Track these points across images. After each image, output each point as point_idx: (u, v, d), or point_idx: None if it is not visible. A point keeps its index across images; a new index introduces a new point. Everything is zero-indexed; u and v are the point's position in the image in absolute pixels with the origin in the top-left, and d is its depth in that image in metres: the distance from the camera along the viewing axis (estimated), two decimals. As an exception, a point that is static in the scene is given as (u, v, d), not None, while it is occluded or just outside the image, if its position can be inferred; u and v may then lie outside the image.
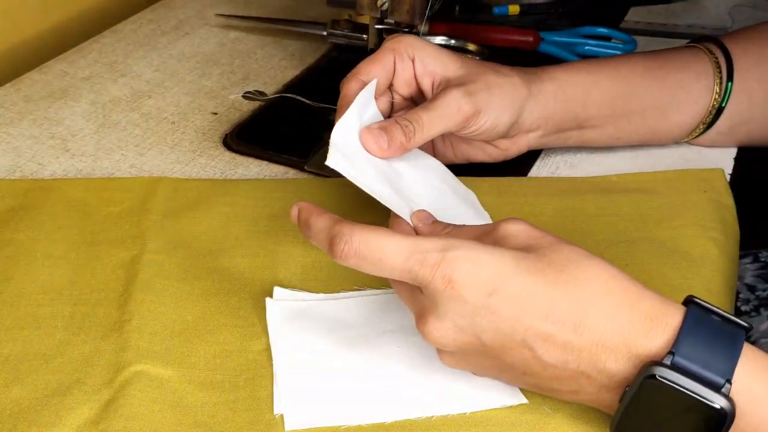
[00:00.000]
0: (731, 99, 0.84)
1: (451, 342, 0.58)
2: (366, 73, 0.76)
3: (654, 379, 0.53)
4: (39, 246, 0.76)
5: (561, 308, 0.56)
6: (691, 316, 0.56)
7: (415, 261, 0.57)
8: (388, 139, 0.72)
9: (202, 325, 0.69)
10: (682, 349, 0.54)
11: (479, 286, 0.56)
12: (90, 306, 0.71)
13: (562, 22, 1.16)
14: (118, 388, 0.63)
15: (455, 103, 0.74)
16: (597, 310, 0.56)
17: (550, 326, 0.56)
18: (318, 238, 0.61)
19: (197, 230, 0.78)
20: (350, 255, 0.58)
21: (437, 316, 0.57)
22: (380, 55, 0.77)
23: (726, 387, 0.53)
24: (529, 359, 0.57)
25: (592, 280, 0.57)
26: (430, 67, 0.77)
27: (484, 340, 0.57)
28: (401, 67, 0.77)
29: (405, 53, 0.77)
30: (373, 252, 0.58)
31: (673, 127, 0.87)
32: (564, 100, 0.81)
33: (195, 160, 0.89)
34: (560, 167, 0.87)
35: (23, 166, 0.87)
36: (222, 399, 0.63)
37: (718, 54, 0.85)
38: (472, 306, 0.56)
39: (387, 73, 0.77)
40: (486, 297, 0.56)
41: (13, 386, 0.64)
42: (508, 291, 0.56)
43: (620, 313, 0.56)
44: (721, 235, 0.77)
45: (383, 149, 0.72)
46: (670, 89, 0.84)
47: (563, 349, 0.56)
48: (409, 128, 0.72)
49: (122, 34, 1.13)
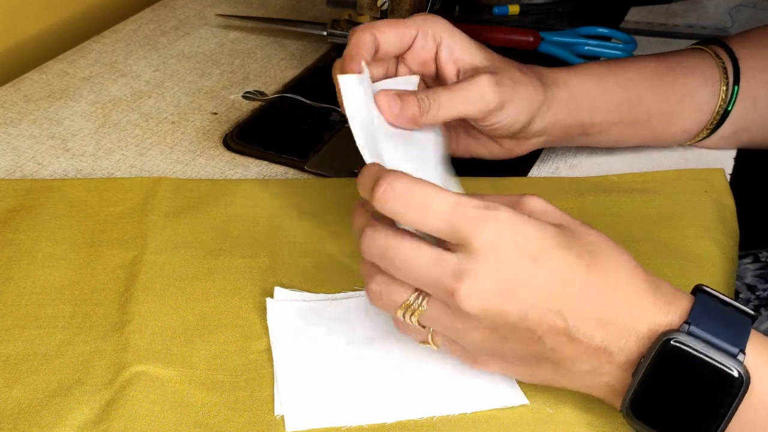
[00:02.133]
0: (736, 104, 0.84)
1: (491, 305, 0.56)
2: (382, 31, 0.73)
3: (669, 344, 0.54)
4: (40, 246, 0.76)
5: (595, 286, 0.56)
6: (702, 298, 0.57)
7: (461, 213, 0.56)
8: (401, 106, 0.70)
9: (203, 325, 0.69)
10: (697, 320, 0.55)
11: (523, 250, 0.56)
12: (91, 306, 0.71)
13: (562, 22, 1.16)
14: (119, 388, 0.63)
15: (481, 90, 0.73)
16: (624, 292, 0.57)
17: (584, 301, 0.56)
18: (365, 183, 0.59)
19: (198, 230, 0.78)
20: (391, 198, 0.56)
21: (476, 276, 0.56)
22: (403, 24, 0.74)
23: (741, 356, 0.54)
24: (561, 331, 0.56)
25: (619, 264, 0.58)
26: (456, 53, 0.75)
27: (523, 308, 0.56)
28: (421, 45, 0.75)
29: (431, 34, 0.75)
30: (417, 197, 0.56)
31: (677, 132, 0.87)
32: (573, 109, 0.81)
33: (195, 160, 0.89)
34: (560, 167, 0.87)
35: (23, 166, 0.87)
36: (222, 399, 0.63)
37: (725, 58, 0.84)
38: (514, 268, 0.56)
39: (401, 43, 0.75)
40: (530, 262, 0.56)
41: (14, 386, 0.64)
42: (550, 261, 0.56)
43: (643, 294, 0.57)
44: (722, 235, 0.77)
45: (393, 113, 0.69)
46: (677, 96, 0.84)
47: (594, 323, 0.56)
48: (425, 103, 0.71)
49: (122, 34, 1.13)
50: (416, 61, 0.76)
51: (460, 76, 0.76)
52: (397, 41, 0.74)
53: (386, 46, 0.74)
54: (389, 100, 0.70)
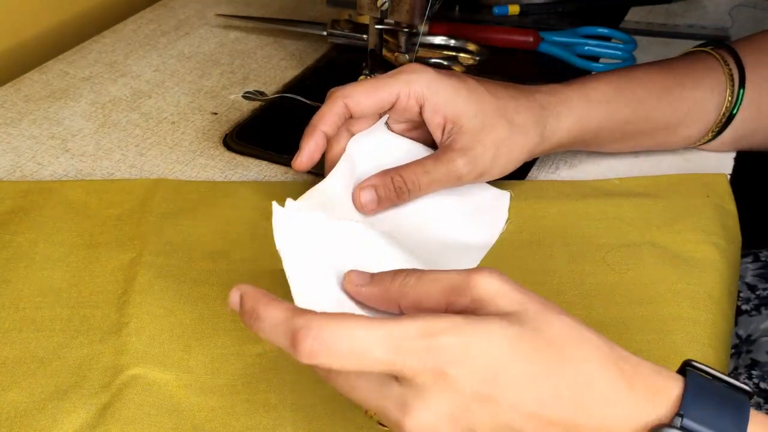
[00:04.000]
0: (740, 112, 0.84)
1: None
2: (356, 102, 0.74)
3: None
4: (38, 248, 0.76)
5: (563, 394, 0.51)
6: (692, 382, 0.53)
7: (398, 352, 0.49)
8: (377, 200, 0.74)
9: (201, 328, 0.69)
10: (690, 412, 0.51)
11: (475, 375, 0.50)
12: (88, 309, 0.71)
13: (562, 22, 1.16)
14: (116, 392, 0.63)
15: (456, 171, 0.75)
16: (597, 391, 0.52)
17: (550, 411, 0.51)
18: (274, 334, 0.51)
19: (197, 233, 0.78)
20: (321, 353, 0.49)
21: (426, 409, 0.50)
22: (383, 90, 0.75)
23: None
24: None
25: (589, 360, 0.52)
26: (440, 113, 0.76)
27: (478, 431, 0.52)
28: (403, 107, 0.76)
29: (413, 96, 0.75)
30: (346, 346, 0.49)
31: (680, 140, 0.87)
32: (576, 134, 0.81)
33: (195, 160, 0.89)
34: (560, 167, 0.87)
35: (23, 166, 0.87)
36: (220, 404, 0.63)
37: (732, 64, 0.84)
38: (467, 396, 0.50)
39: (380, 107, 0.76)
40: (483, 386, 0.50)
41: (10, 389, 0.64)
42: (507, 379, 0.51)
43: (621, 394, 0.52)
44: (723, 240, 0.77)
45: (370, 209, 0.74)
46: (684, 109, 0.84)
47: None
48: (403, 190, 0.74)
49: (122, 34, 1.13)
50: (399, 117, 0.78)
51: (444, 133, 0.77)
52: (373, 107, 0.76)
53: (360, 112, 0.75)
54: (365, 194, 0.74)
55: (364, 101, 0.75)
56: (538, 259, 0.75)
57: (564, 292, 0.72)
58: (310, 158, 0.74)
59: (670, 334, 0.68)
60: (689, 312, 0.70)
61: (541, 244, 0.77)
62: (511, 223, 0.79)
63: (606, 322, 0.69)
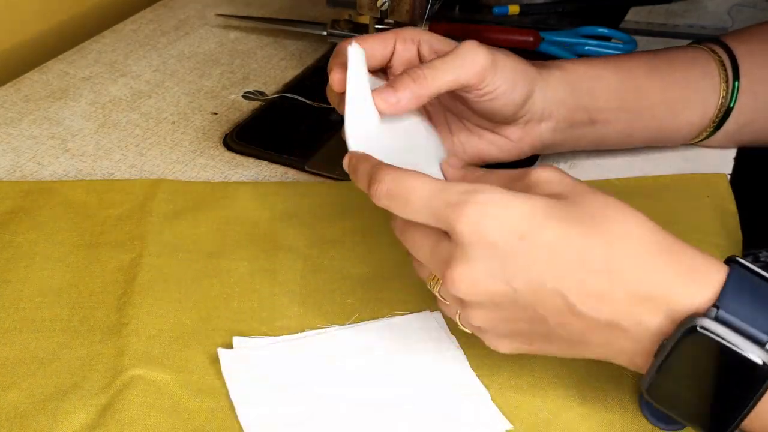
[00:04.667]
0: (738, 100, 0.84)
1: (482, 290, 0.56)
2: (366, 40, 0.72)
3: (695, 331, 0.52)
4: (38, 248, 0.76)
5: (595, 257, 0.54)
6: (735, 273, 0.54)
7: (440, 201, 0.56)
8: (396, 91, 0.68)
9: (201, 329, 0.69)
10: (727, 303, 0.53)
11: (508, 229, 0.54)
12: (88, 309, 0.71)
13: (562, 22, 1.16)
14: (116, 392, 0.63)
15: (471, 52, 0.71)
16: (632, 258, 0.54)
17: (583, 274, 0.54)
18: (361, 182, 0.61)
19: (197, 233, 0.78)
20: (382, 195, 0.58)
21: (466, 261, 0.55)
22: (381, 34, 0.75)
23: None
24: (562, 308, 0.55)
25: (628, 229, 0.55)
26: (436, 46, 0.75)
27: (515, 287, 0.55)
28: (402, 47, 0.75)
29: (408, 38, 0.75)
30: (401, 191, 0.57)
31: (683, 126, 0.86)
32: (572, 89, 0.80)
33: (195, 160, 0.89)
34: (560, 167, 0.87)
35: (23, 166, 0.87)
36: (219, 405, 0.63)
37: (722, 54, 0.84)
38: (501, 250, 0.55)
39: (384, 51, 0.74)
40: (516, 241, 0.54)
41: (10, 390, 0.64)
42: (540, 236, 0.54)
43: (658, 264, 0.54)
44: (724, 240, 0.77)
45: (391, 102, 0.68)
46: (676, 86, 0.83)
47: (597, 298, 0.54)
48: (417, 73, 0.69)
49: (122, 34, 1.13)
50: (401, 63, 0.76)
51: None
52: (381, 49, 0.74)
53: (371, 58, 0.73)
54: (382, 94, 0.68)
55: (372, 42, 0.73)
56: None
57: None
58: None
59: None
60: (689, 312, 0.70)
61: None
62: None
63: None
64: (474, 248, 0.55)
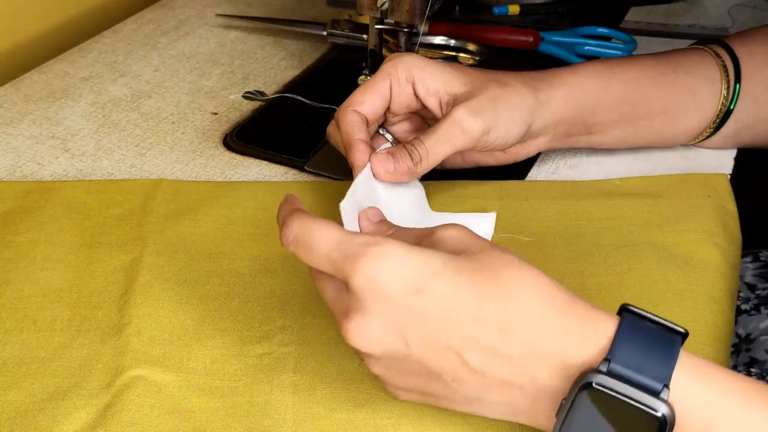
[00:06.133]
0: (738, 102, 0.84)
1: (376, 343, 0.55)
2: (359, 103, 0.75)
3: (590, 387, 0.52)
4: (38, 248, 0.76)
5: (488, 311, 0.54)
6: (626, 322, 0.54)
7: (339, 253, 0.55)
8: (395, 162, 0.72)
9: (201, 329, 0.69)
10: (618, 356, 0.52)
11: (403, 283, 0.54)
12: (89, 309, 0.71)
13: (562, 22, 1.16)
14: (116, 392, 0.63)
15: (460, 125, 0.73)
16: (526, 315, 0.54)
17: (477, 330, 0.54)
18: (278, 224, 0.61)
19: (197, 233, 0.78)
20: (290, 241, 0.58)
21: (361, 314, 0.55)
22: (374, 82, 0.76)
23: (665, 392, 0.51)
24: (457, 365, 0.55)
25: (523, 285, 0.55)
26: (432, 87, 0.76)
27: (409, 343, 0.55)
28: (398, 91, 0.76)
29: (402, 77, 0.76)
30: (306, 239, 0.57)
31: (681, 132, 0.86)
32: (574, 107, 0.81)
33: (195, 160, 0.89)
34: (560, 167, 0.87)
35: (23, 166, 0.87)
36: (220, 404, 0.63)
37: (725, 56, 0.84)
38: (395, 304, 0.54)
39: (383, 100, 0.76)
40: (411, 295, 0.54)
41: (11, 390, 0.64)
42: (434, 290, 0.54)
43: (551, 319, 0.54)
44: (724, 241, 0.77)
45: (389, 171, 0.72)
46: (678, 94, 0.84)
47: (491, 354, 0.54)
48: (415, 153, 0.72)
49: (122, 34, 1.13)
50: (400, 107, 0.77)
51: (442, 108, 0.77)
52: (379, 100, 0.76)
53: (373, 115, 0.76)
54: (382, 160, 0.72)
55: (366, 100, 0.75)
56: (539, 260, 0.75)
57: (564, 293, 0.72)
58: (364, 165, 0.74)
59: (670, 335, 0.68)
60: (690, 312, 0.70)
61: (541, 245, 0.77)
62: (512, 223, 0.79)
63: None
64: (369, 302, 0.54)
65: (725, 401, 0.52)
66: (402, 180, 0.73)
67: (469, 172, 0.83)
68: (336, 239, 0.56)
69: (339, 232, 0.57)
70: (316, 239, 0.57)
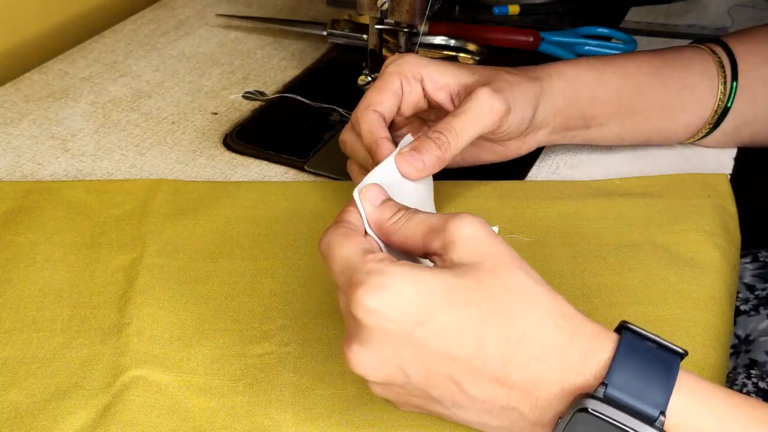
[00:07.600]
0: (735, 100, 0.84)
1: (374, 372, 0.55)
2: (378, 102, 0.74)
3: (586, 412, 0.51)
4: (39, 248, 0.76)
5: (490, 345, 0.53)
6: (624, 344, 0.53)
7: (345, 277, 0.55)
8: (422, 157, 0.68)
9: (201, 329, 0.69)
10: (615, 380, 0.52)
11: (402, 317, 0.53)
12: (89, 309, 0.71)
13: (562, 22, 1.16)
14: (117, 392, 0.63)
15: (487, 102, 0.72)
16: (529, 347, 0.53)
17: (478, 362, 0.53)
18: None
19: (197, 233, 0.78)
20: (320, 248, 0.58)
21: (361, 343, 0.54)
22: (386, 81, 0.75)
23: (660, 420, 0.51)
24: (456, 393, 0.55)
25: (527, 315, 0.54)
26: (441, 81, 0.75)
27: (408, 373, 0.54)
28: (408, 90, 0.76)
29: (410, 75, 0.75)
30: (327, 252, 0.57)
31: (679, 127, 0.86)
32: (571, 98, 0.81)
33: (195, 160, 0.89)
34: (560, 167, 0.87)
35: (23, 166, 0.87)
36: (220, 404, 0.63)
37: (722, 54, 0.85)
38: (394, 338, 0.53)
39: (397, 98, 0.75)
40: (410, 328, 0.53)
41: (11, 390, 0.64)
42: (435, 324, 0.53)
43: (554, 352, 0.53)
44: (724, 241, 0.77)
45: (419, 169, 0.68)
46: (675, 88, 0.84)
47: (492, 383, 0.54)
48: (441, 139, 0.69)
49: (122, 34, 1.13)
50: (409, 106, 0.77)
51: (454, 100, 0.76)
52: (394, 99, 0.75)
53: (390, 115, 0.75)
54: (409, 159, 0.68)
55: (384, 99, 0.74)
56: (539, 260, 0.75)
57: (564, 293, 0.71)
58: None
59: (670, 335, 0.68)
60: (690, 312, 0.70)
61: (541, 245, 0.77)
62: (512, 223, 0.79)
63: (607, 322, 0.68)
64: (367, 333, 0.54)
65: (724, 426, 0.52)
66: (434, 172, 0.70)
67: (469, 171, 0.83)
68: (346, 262, 0.56)
69: (353, 252, 0.56)
70: (333, 258, 0.57)
